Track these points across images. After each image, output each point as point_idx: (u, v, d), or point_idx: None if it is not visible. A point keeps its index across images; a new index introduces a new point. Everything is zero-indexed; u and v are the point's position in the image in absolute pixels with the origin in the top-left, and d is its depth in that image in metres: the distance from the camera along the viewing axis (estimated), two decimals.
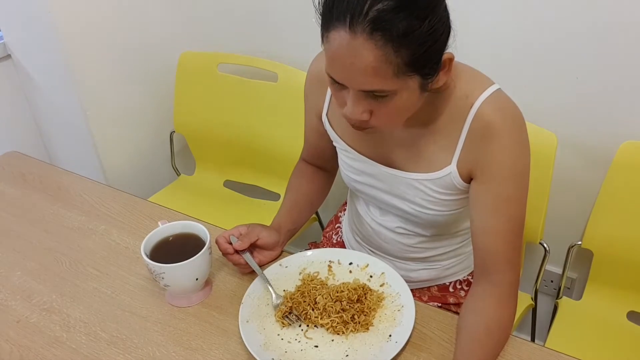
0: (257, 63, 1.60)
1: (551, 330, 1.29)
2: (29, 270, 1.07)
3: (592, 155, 1.35)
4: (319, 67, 1.03)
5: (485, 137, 0.86)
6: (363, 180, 1.04)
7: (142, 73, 1.71)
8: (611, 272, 1.32)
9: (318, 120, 1.08)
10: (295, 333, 0.91)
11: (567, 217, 1.45)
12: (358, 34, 0.73)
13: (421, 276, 1.12)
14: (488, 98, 0.86)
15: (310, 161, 1.20)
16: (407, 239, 1.07)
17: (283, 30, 1.64)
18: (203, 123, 1.73)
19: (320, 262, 1.04)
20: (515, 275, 0.89)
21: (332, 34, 0.75)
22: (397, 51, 0.73)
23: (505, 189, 0.87)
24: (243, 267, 1.01)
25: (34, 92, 1.66)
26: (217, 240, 1.01)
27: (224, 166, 1.81)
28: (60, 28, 1.45)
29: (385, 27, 0.72)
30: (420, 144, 0.94)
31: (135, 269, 1.07)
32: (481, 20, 1.32)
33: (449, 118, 0.90)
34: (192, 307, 0.98)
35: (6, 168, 1.39)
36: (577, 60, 1.26)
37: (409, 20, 0.72)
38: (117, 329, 0.94)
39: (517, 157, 0.87)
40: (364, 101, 0.80)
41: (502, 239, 0.88)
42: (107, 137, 1.67)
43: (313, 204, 1.17)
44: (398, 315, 0.91)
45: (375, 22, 0.72)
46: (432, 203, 0.97)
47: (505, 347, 0.87)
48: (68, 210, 1.23)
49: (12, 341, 0.93)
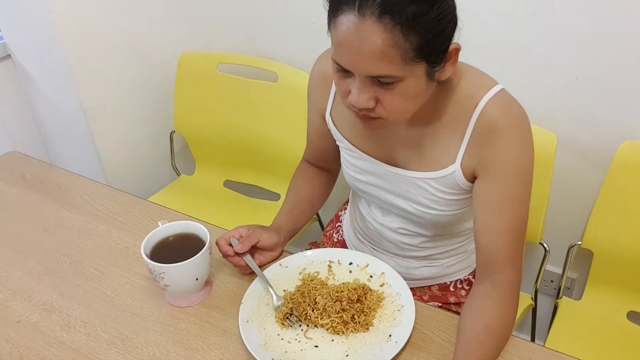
0: (257, 63, 1.60)
1: (551, 330, 1.29)
2: (29, 270, 1.07)
3: (592, 155, 1.35)
4: (323, 66, 1.03)
5: (490, 137, 0.86)
6: (366, 179, 1.04)
7: (142, 73, 1.71)
8: (611, 272, 1.32)
9: (321, 120, 1.08)
10: (295, 333, 0.91)
11: (567, 217, 1.45)
12: (367, 17, 0.73)
13: (423, 274, 1.12)
14: (493, 98, 0.87)
15: (313, 162, 1.20)
16: (409, 239, 1.07)
17: (283, 30, 1.64)
18: (203, 123, 1.73)
19: (320, 262, 1.04)
20: (517, 275, 0.89)
21: (340, 18, 0.75)
22: (406, 35, 0.73)
23: (509, 188, 0.87)
24: (243, 268, 1.01)
25: (34, 92, 1.66)
26: (217, 242, 1.00)
27: (224, 166, 1.81)
28: (60, 28, 1.45)
29: (394, 10, 0.72)
30: (424, 143, 0.94)
31: (135, 269, 1.07)
32: (481, 20, 1.32)
33: (453, 117, 0.90)
34: (192, 307, 0.98)
35: (6, 168, 1.39)
36: (577, 60, 1.26)
37: (417, 5, 0.72)
38: (117, 329, 0.94)
39: (521, 157, 0.87)
40: (370, 88, 0.80)
41: (505, 238, 0.88)
42: (107, 137, 1.66)
43: (314, 205, 1.16)
44: (398, 315, 0.91)
45: (384, 5, 0.72)
46: (435, 202, 0.97)
47: (505, 347, 0.87)
48: (68, 210, 1.23)
49: (12, 341, 0.93)
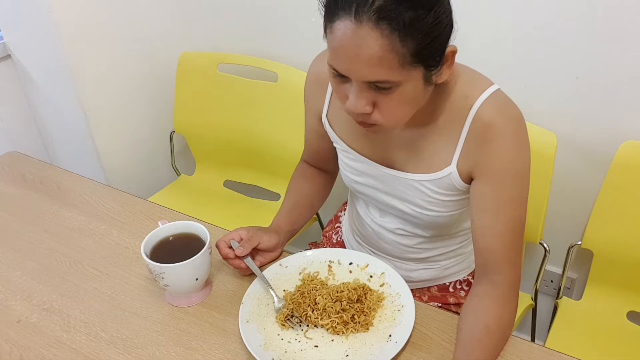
0: (257, 63, 1.60)
1: (551, 330, 1.29)
2: (29, 270, 1.07)
3: (592, 155, 1.35)
4: (319, 68, 1.03)
5: (485, 138, 0.86)
6: (363, 181, 1.04)
7: (142, 73, 1.71)
8: (611, 272, 1.32)
9: (318, 122, 1.08)
10: (295, 333, 0.91)
11: (567, 217, 1.45)
12: (364, 23, 0.72)
13: (421, 276, 1.12)
14: (488, 98, 0.86)
15: (311, 163, 1.20)
16: (406, 240, 1.07)
17: (283, 30, 1.64)
18: (203, 123, 1.73)
19: (320, 262, 1.04)
20: (516, 275, 0.89)
21: (337, 24, 0.75)
22: (403, 41, 0.73)
23: (506, 189, 0.87)
24: (244, 270, 1.01)
25: (34, 92, 1.66)
26: (217, 244, 1.00)
27: (224, 166, 1.81)
28: (60, 28, 1.45)
29: (391, 16, 0.71)
30: (420, 144, 0.94)
31: (135, 269, 1.07)
32: (481, 20, 1.32)
33: (448, 118, 0.90)
34: (192, 307, 0.98)
35: (6, 168, 1.39)
36: (577, 59, 1.26)
37: (414, 10, 0.72)
38: (117, 329, 0.94)
39: (517, 157, 0.87)
40: (367, 93, 0.79)
41: (503, 239, 0.88)
42: (107, 137, 1.67)
43: (313, 206, 1.16)
44: (398, 315, 0.91)
45: (381, 11, 0.71)
46: (432, 204, 0.97)
47: (505, 347, 0.87)
48: (68, 210, 1.23)
49: (12, 341, 0.93)
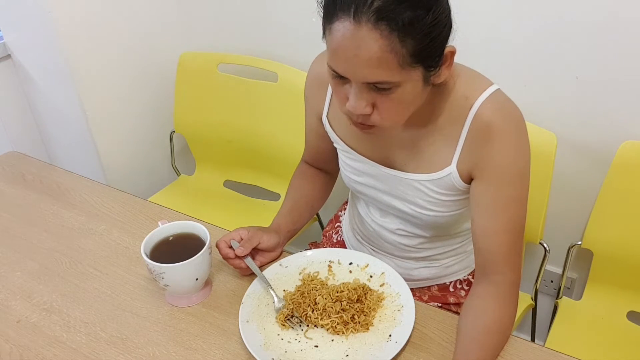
0: (257, 63, 1.60)
1: (551, 330, 1.29)
2: (29, 270, 1.07)
3: (592, 155, 1.35)
4: (319, 68, 1.03)
5: (485, 138, 0.86)
6: (363, 181, 1.04)
7: (142, 73, 1.71)
8: (611, 272, 1.32)
9: (318, 122, 1.08)
10: (295, 333, 0.91)
11: (567, 217, 1.45)
12: (363, 23, 0.72)
13: (422, 274, 1.12)
14: (487, 98, 0.86)
15: (312, 163, 1.20)
16: (407, 240, 1.07)
17: (283, 30, 1.64)
18: (203, 123, 1.73)
19: (320, 262, 1.04)
20: (516, 275, 0.89)
21: (336, 25, 0.75)
22: (402, 41, 0.73)
23: (506, 189, 0.87)
24: (244, 270, 1.01)
25: (34, 92, 1.66)
26: (217, 244, 1.00)
27: (224, 166, 1.81)
28: (60, 28, 1.45)
29: (390, 16, 0.71)
30: (420, 144, 0.94)
31: (135, 269, 1.07)
32: (481, 20, 1.32)
33: (448, 119, 0.90)
34: (192, 307, 0.98)
35: (6, 168, 1.39)
36: (577, 59, 1.26)
37: (413, 10, 0.72)
38: (117, 329, 0.94)
39: (517, 157, 0.87)
40: (367, 94, 0.79)
41: (503, 239, 0.88)
42: (107, 137, 1.67)
43: (313, 206, 1.16)
44: (398, 315, 0.91)
45: (380, 11, 0.71)
46: (432, 204, 0.97)
47: (505, 347, 0.87)
48: (68, 210, 1.23)
49: (12, 341, 0.93)
